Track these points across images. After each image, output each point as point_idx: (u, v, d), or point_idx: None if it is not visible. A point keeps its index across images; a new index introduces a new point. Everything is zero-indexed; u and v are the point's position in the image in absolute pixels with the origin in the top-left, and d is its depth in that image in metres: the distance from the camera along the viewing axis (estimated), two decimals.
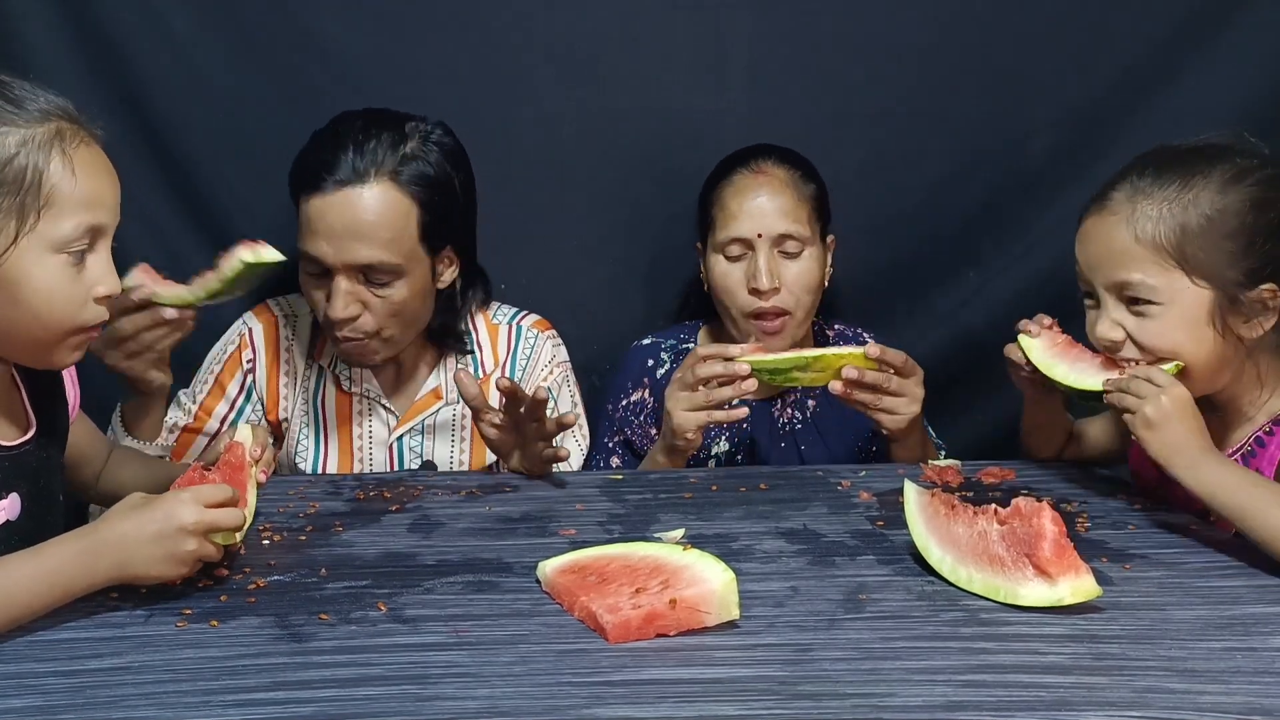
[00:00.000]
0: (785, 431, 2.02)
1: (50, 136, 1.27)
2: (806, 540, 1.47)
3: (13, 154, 1.25)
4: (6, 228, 1.25)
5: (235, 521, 1.29)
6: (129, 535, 1.23)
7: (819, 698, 1.06)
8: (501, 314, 2.03)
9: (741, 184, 1.93)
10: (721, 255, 1.94)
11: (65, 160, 1.27)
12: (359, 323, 1.78)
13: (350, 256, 1.74)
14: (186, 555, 1.25)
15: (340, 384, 1.95)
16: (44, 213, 1.26)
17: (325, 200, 1.74)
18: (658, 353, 2.05)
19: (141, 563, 1.23)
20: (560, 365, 2.01)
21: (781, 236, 1.91)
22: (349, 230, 1.73)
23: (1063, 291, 2.20)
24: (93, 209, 1.30)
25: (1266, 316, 1.49)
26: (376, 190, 1.74)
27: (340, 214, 1.73)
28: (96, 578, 1.23)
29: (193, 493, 1.27)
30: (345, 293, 1.76)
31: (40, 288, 1.28)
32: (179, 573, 1.25)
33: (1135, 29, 2.14)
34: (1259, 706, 1.04)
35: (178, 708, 1.05)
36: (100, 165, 1.32)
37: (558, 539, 1.49)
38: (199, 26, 2.04)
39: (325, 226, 1.74)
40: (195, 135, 2.08)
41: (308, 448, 1.95)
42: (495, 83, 2.09)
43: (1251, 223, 1.47)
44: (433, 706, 1.05)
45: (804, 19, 2.13)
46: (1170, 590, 1.30)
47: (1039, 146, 2.19)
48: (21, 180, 1.25)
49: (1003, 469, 1.75)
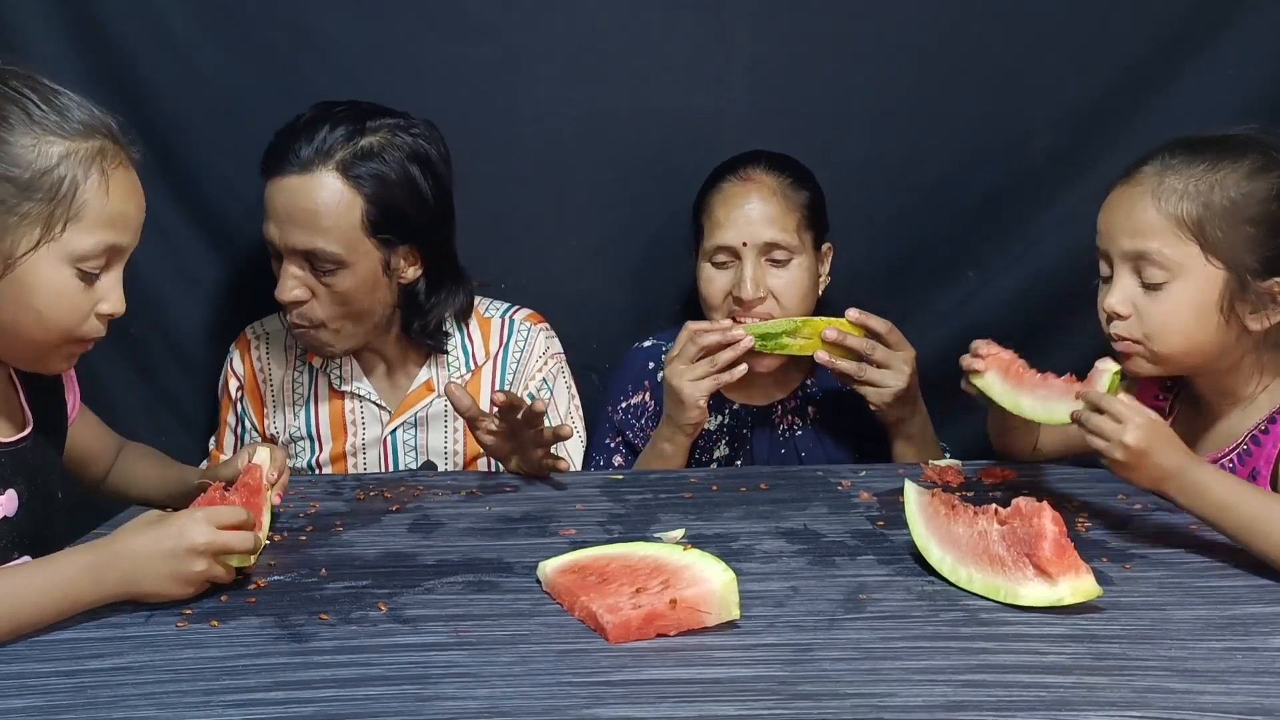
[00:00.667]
0: (785, 438, 2.02)
1: (93, 154, 1.30)
2: (807, 540, 1.47)
3: (54, 164, 1.28)
4: (31, 233, 1.27)
5: (247, 545, 1.29)
6: (140, 551, 1.24)
7: (819, 698, 1.06)
8: (494, 308, 2.04)
9: (729, 191, 1.92)
10: (709, 263, 1.92)
11: (102, 179, 1.30)
12: (305, 309, 1.83)
13: (293, 241, 1.79)
14: (195, 576, 1.25)
15: (332, 383, 1.96)
16: (70, 224, 1.29)
17: (276, 184, 1.80)
18: (658, 355, 2.05)
19: (150, 580, 1.24)
20: (554, 357, 2.03)
21: (768, 245, 1.88)
22: (292, 216, 1.78)
23: (1062, 291, 2.22)
24: (117, 229, 1.32)
25: (1274, 310, 1.49)
26: (321, 179, 1.78)
27: (287, 199, 1.79)
28: (104, 591, 1.23)
29: (207, 513, 1.28)
30: (291, 276, 1.81)
31: (50, 294, 1.30)
32: (186, 592, 1.26)
33: (1135, 29, 2.14)
34: (1259, 706, 1.04)
35: (178, 708, 1.05)
36: (132, 188, 1.35)
37: (558, 539, 1.49)
38: (199, 26, 2.05)
39: (273, 210, 1.80)
40: (195, 135, 2.08)
41: (303, 448, 1.96)
42: (495, 83, 2.09)
43: (1274, 211, 1.49)
44: (433, 706, 1.05)
45: (804, 19, 2.13)
46: (1170, 590, 1.30)
47: (1039, 146, 2.18)
48: (56, 190, 1.27)
49: (1003, 469, 1.75)
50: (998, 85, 2.16)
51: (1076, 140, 2.17)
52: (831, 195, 2.02)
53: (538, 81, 2.12)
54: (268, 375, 1.99)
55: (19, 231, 1.27)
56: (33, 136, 1.28)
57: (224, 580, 1.29)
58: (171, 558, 1.24)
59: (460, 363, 1.98)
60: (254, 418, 1.98)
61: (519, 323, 2.03)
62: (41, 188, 1.27)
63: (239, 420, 2.00)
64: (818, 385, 2.03)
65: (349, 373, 1.96)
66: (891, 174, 2.19)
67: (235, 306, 2.14)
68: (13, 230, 1.27)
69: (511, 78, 2.11)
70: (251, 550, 1.31)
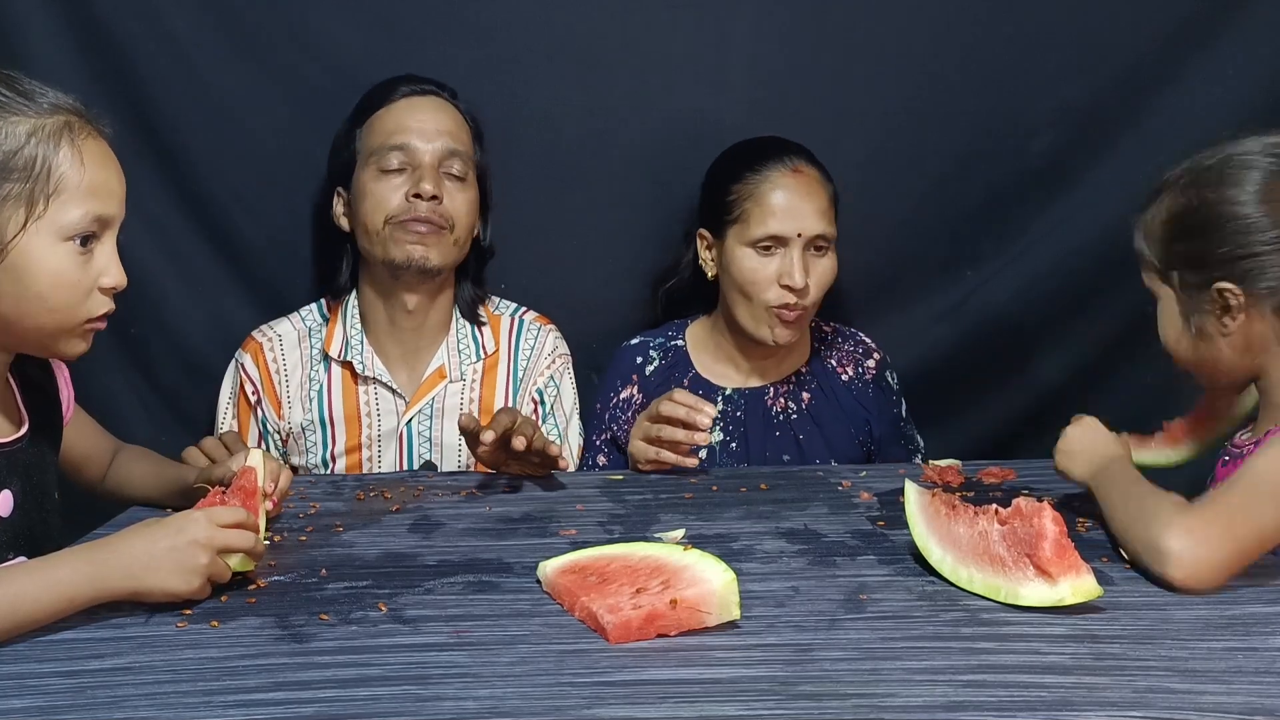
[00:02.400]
0: (780, 420, 2.03)
1: (59, 127, 1.30)
2: (807, 540, 1.47)
3: (23, 143, 1.27)
4: (16, 215, 1.27)
5: (247, 543, 1.29)
6: (140, 548, 1.24)
7: (819, 698, 1.06)
8: (504, 306, 2.09)
9: (781, 181, 1.93)
10: (753, 249, 1.93)
11: (74, 150, 1.30)
12: (444, 207, 1.93)
13: (438, 146, 1.93)
14: (199, 568, 1.25)
15: (353, 369, 1.98)
16: (52, 200, 1.28)
17: (413, 102, 1.95)
18: (646, 350, 2.08)
19: (153, 575, 1.23)
20: (561, 357, 2.07)
21: (818, 236, 1.93)
22: (438, 123, 1.95)
23: (1061, 291, 2.22)
24: (100, 198, 1.32)
25: (1233, 314, 1.45)
26: (447, 101, 1.98)
27: (431, 111, 1.95)
28: (106, 588, 1.23)
29: (207, 512, 1.28)
30: (434, 177, 1.92)
31: (47, 274, 1.29)
32: (190, 586, 1.25)
33: (1135, 29, 2.14)
34: (1260, 706, 1.04)
35: (178, 708, 1.05)
36: (107, 158, 1.34)
37: (558, 539, 1.49)
38: (199, 27, 2.05)
39: (410, 124, 1.93)
40: (195, 135, 2.08)
41: (316, 443, 1.97)
42: (495, 83, 2.09)
43: (1180, 215, 1.48)
44: (433, 707, 1.05)
45: (804, 19, 2.14)
46: (1170, 590, 1.30)
47: (1039, 146, 2.19)
48: (31, 168, 1.27)
49: (1003, 469, 1.75)
50: (998, 85, 2.16)
51: (1076, 140, 2.17)
52: None
53: (538, 81, 2.12)
54: (284, 375, 2.00)
55: (2, 215, 1.27)
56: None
57: (224, 578, 1.28)
58: (174, 552, 1.24)
59: (471, 351, 2.02)
60: (274, 419, 1.99)
61: (529, 322, 2.07)
62: (15, 168, 1.27)
63: (260, 425, 2.01)
64: (812, 372, 2.06)
65: (369, 358, 1.99)
66: (891, 174, 2.19)
67: (236, 306, 2.14)
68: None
69: (511, 78, 2.11)
70: (252, 550, 1.31)
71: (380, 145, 1.93)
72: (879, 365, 2.08)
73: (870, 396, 2.05)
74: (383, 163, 1.92)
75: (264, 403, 1.99)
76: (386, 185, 1.92)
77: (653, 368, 2.05)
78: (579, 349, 2.11)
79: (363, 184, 1.94)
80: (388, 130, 1.93)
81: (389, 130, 1.93)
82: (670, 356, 2.06)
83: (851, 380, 2.06)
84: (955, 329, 2.25)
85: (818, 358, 2.07)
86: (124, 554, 1.23)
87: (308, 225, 2.13)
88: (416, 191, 1.90)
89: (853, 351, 2.08)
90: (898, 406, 2.08)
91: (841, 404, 2.03)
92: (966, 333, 2.25)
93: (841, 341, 2.09)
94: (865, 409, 2.04)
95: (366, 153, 1.94)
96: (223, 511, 1.29)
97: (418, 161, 1.92)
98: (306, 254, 2.14)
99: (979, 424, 2.24)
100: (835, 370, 2.06)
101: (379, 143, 1.93)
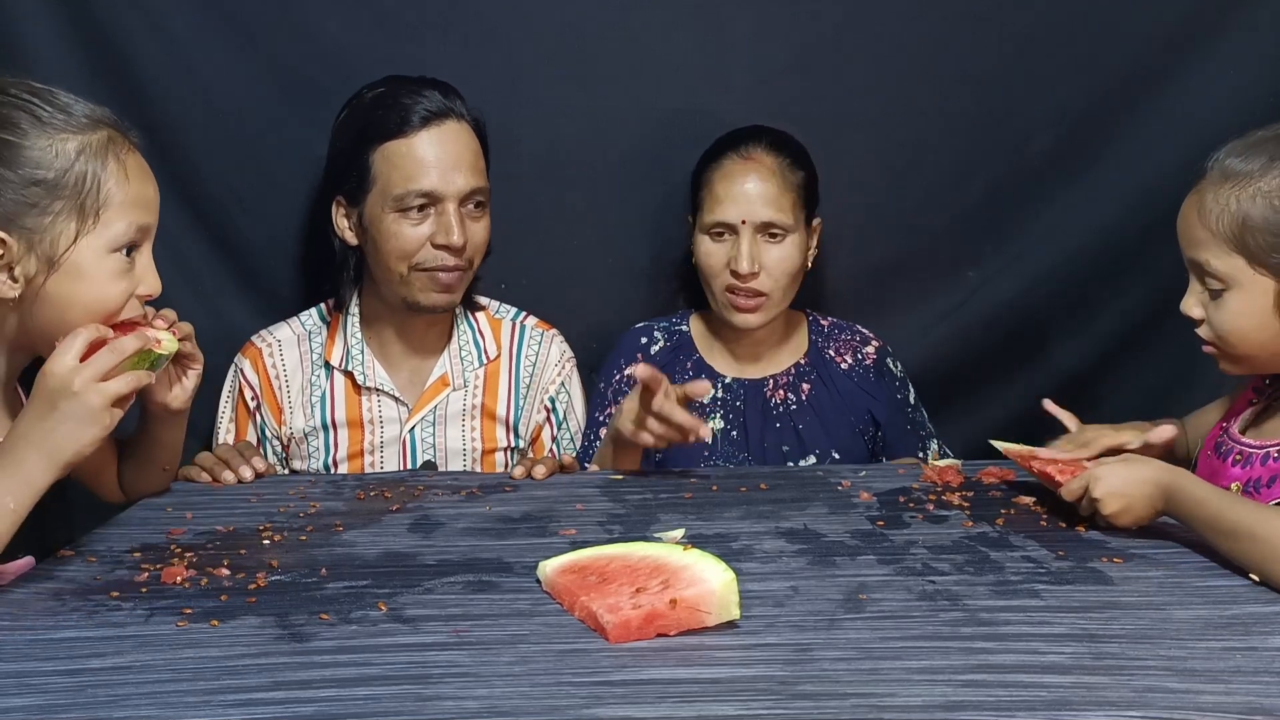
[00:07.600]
0: (779, 411, 2.04)
1: (104, 143, 1.37)
2: (806, 540, 1.47)
3: (73, 160, 1.35)
4: (67, 229, 1.34)
5: (113, 360, 1.31)
6: (34, 429, 1.28)
7: (819, 698, 1.06)
8: (504, 310, 2.08)
9: (730, 169, 1.97)
10: (706, 235, 1.98)
11: (119, 165, 1.38)
12: (469, 250, 1.89)
13: (461, 183, 1.86)
14: (97, 406, 1.29)
15: (354, 379, 1.97)
16: (101, 214, 1.36)
17: (431, 134, 1.86)
18: (651, 332, 2.11)
19: (62, 440, 1.28)
20: (569, 360, 2.08)
21: (765, 224, 1.94)
22: (459, 158, 1.87)
23: (1061, 291, 2.22)
24: (141, 209, 1.40)
25: None
26: (465, 126, 1.89)
27: (451, 144, 1.87)
28: (35, 482, 1.27)
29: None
30: (458, 220, 1.86)
31: (97, 285, 1.37)
32: (103, 424, 1.30)
33: (1135, 29, 2.14)
34: (1259, 706, 1.04)
35: (178, 707, 1.05)
36: (145, 170, 1.43)
37: (558, 539, 1.49)
38: (199, 27, 2.04)
39: (431, 159, 1.85)
40: (196, 136, 2.08)
41: (318, 449, 1.96)
42: (495, 83, 2.09)
43: None
44: (433, 706, 1.05)
45: (804, 18, 2.14)
46: (1170, 590, 1.30)
47: (1039, 146, 2.19)
48: (82, 184, 1.35)
49: (1002, 469, 1.75)
50: (998, 85, 2.16)
51: (1076, 140, 2.17)
52: (831, 194, 2.03)
53: (538, 81, 2.12)
54: (284, 381, 1.98)
55: (55, 230, 1.34)
56: (47, 138, 1.34)
57: (138, 386, 1.34)
58: (64, 413, 1.28)
59: (473, 356, 2.01)
60: (274, 425, 1.98)
61: (530, 329, 2.06)
62: (68, 185, 1.34)
63: (259, 431, 2.00)
64: (811, 364, 2.06)
65: (371, 368, 1.97)
66: (891, 173, 2.19)
67: (236, 307, 2.14)
68: (49, 230, 1.33)
69: (511, 78, 2.11)
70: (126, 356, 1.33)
71: (403, 189, 1.84)
72: (879, 352, 2.08)
73: (871, 382, 2.05)
74: (403, 204, 1.85)
75: (263, 408, 1.98)
76: (408, 227, 1.86)
77: (658, 348, 2.08)
78: (579, 349, 2.11)
79: (381, 221, 1.87)
80: (407, 172, 1.85)
81: (408, 172, 1.85)
82: (675, 340, 2.09)
83: (851, 368, 2.06)
84: (957, 328, 2.25)
85: (816, 350, 2.08)
86: (31, 442, 1.28)
87: (308, 227, 2.13)
88: (445, 243, 1.86)
89: (850, 340, 2.09)
90: (903, 392, 2.08)
91: (841, 392, 2.04)
92: (968, 332, 2.25)
93: (839, 333, 2.10)
94: (867, 394, 2.04)
95: (384, 187, 1.86)
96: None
97: (442, 207, 1.86)
98: (306, 255, 2.14)
99: (980, 424, 2.24)
100: (834, 359, 2.07)
101: (400, 186, 1.85)
